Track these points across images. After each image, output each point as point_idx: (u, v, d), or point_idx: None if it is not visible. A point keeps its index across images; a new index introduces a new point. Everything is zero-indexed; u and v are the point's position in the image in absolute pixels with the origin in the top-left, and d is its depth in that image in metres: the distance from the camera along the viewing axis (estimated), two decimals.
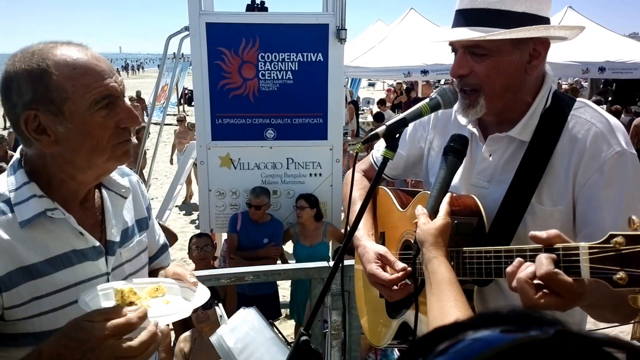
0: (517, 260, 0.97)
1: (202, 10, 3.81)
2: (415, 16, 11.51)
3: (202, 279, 2.10)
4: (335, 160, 4.23)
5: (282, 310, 4.62)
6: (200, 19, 3.76)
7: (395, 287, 1.33)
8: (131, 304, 1.09)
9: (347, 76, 11.91)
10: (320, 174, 4.27)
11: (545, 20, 1.23)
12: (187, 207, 8.78)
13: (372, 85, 31.29)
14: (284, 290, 4.75)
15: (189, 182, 8.59)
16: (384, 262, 1.38)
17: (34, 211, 1.07)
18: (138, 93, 18.55)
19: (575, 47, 8.67)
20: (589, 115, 1.23)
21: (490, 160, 1.32)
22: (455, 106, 1.33)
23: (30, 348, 1.06)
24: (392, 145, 1.20)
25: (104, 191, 1.23)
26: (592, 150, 1.18)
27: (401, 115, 1.24)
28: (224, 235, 4.43)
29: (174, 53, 5.17)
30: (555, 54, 8.33)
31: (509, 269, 0.97)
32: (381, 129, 1.22)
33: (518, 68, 1.22)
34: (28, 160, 1.13)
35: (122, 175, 1.30)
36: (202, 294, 1.20)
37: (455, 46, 1.27)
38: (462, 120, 1.38)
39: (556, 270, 0.89)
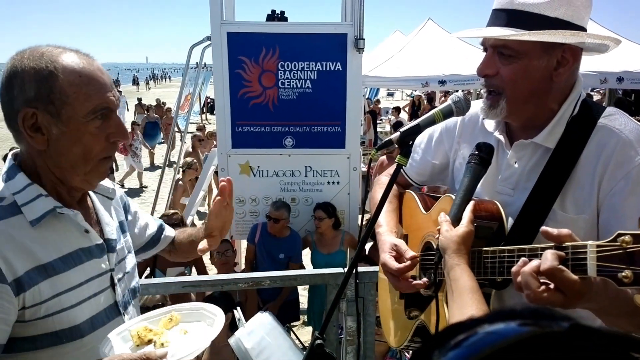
0: (522, 260, 0.97)
1: (223, 20, 3.86)
2: (433, 27, 11.47)
3: (220, 283, 2.14)
4: (353, 169, 4.23)
5: (300, 317, 4.62)
6: (221, 28, 3.81)
7: (411, 280, 1.32)
8: (150, 342, 1.11)
9: (365, 86, 11.92)
10: (337, 182, 4.27)
11: (579, 29, 1.18)
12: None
13: (390, 95, 31.27)
14: (303, 297, 4.75)
15: (209, 191, 8.65)
16: (397, 252, 1.37)
17: (44, 209, 1.09)
18: (158, 101, 18.90)
19: (593, 57, 8.53)
20: (618, 124, 1.19)
21: (515, 167, 1.30)
22: (481, 113, 1.32)
23: (49, 350, 1.09)
24: (406, 151, 1.20)
25: (91, 193, 1.28)
26: (618, 158, 1.14)
27: (415, 122, 1.24)
28: (244, 242, 4.46)
29: (197, 63, 5.25)
30: None
31: (514, 268, 0.98)
32: (395, 135, 1.22)
33: (544, 74, 1.20)
34: (22, 163, 1.15)
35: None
36: (219, 319, 1.20)
37: (485, 45, 1.25)
38: (489, 127, 1.37)
39: (560, 266, 0.89)
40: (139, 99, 19.66)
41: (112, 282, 1.24)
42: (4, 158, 7.59)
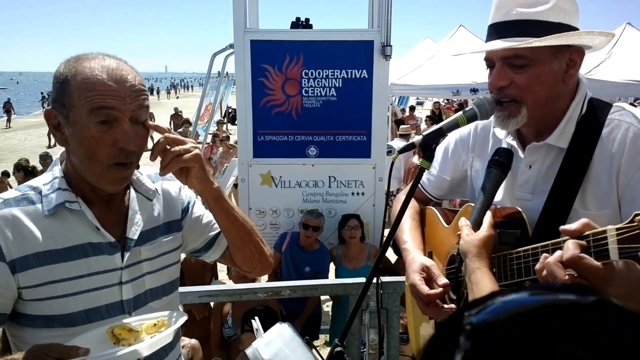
0: (543, 255, 1.03)
1: (247, 27, 3.98)
2: (464, 33, 11.46)
3: (239, 293, 2.20)
4: (379, 179, 4.25)
5: (322, 336, 4.62)
6: (245, 36, 3.93)
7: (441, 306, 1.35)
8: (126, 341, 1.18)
9: (393, 94, 11.95)
10: (362, 193, 4.30)
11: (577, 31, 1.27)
12: None
13: (420, 104, 31.17)
14: (325, 316, 4.75)
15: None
16: (428, 274, 1.41)
17: (56, 202, 1.22)
18: (176, 110, 19.88)
19: (636, 65, 8.38)
20: (627, 117, 1.25)
21: (530, 171, 1.35)
22: (497, 125, 1.37)
23: (44, 331, 1.22)
24: (429, 155, 1.25)
25: (132, 191, 1.36)
26: (632, 150, 1.20)
27: (438, 126, 1.29)
28: None
29: (219, 72, 5.39)
30: (613, 73, 8.08)
31: (537, 265, 1.02)
32: (417, 138, 1.27)
33: (557, 77, 1.27)
34: (63, 159, 1.31)
35: (154, 181, 1.43)
36: (179, 317, 1.27)
37: (492, 59, 1.31)
38: (500, 134, 1.43)
39: (581, 254, 0.93)
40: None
41: (121, 280, 1.30)
42: (17, 168, 7.90)
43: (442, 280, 1.35)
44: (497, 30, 1.30)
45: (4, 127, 26.77)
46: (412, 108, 17.88)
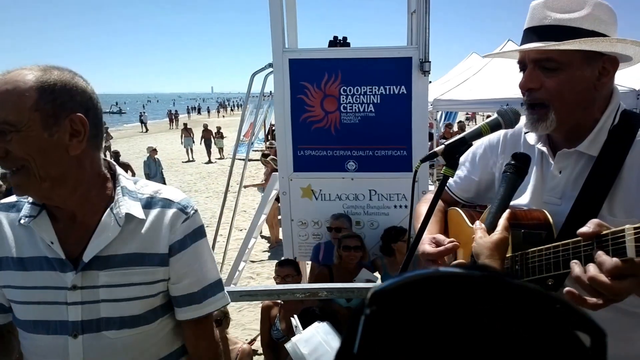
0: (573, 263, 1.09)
1: (285, 47, 4.21)
2: (513, 48, 11.36)
3: (277, 292, 2.36)
4: (422, 192, 4.35)
5: None
6: (283, 55, 4.15)
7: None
8: None
9: (438, 109, 11.97)
10: (405, 206, 4.40)
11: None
12: (274, 252, 8.58)
13: (469, 119, 30.78)
14: None
15: (276, 224, 8.69)
16: (437, 242, 1.46)
17: (22, 214, 1.30)
18: (205, 125, 22.04)
19: None
20: None
21: (560, 176, 1.39)
22: (524, 127, 1.41)
23: (20, 331, 1.34)
24: (452, 163, 1.30)
25: (107, 211, 1.29)
26: None
27: (461, 135, 1.34)
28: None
29: (260, 90, 5.64)
30: None
31: (574, 273, 1.08)
32: (440, 147, 1.33)
33: (588, 84, 1.29)
34: None
35: (150, 205, 1.35)
36: None
37: (525, 62, 1.35)
38: (531, 139, 1.46)
39: (597, 274, 1.00)
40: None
41: (66, 300, 1.27)
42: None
43: (453, 243, 1.41)
44: (531, 34, 1.34)
45: None
46: (449, 125, 17.61)
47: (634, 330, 1.33)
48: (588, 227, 1.06)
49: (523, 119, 1.46)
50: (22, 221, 1.29)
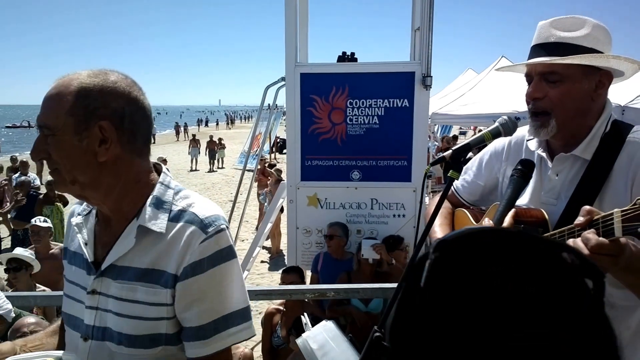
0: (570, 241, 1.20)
1: (297, 62, 4.29)
2: (506, 64, 11.49)
3: (289, 292, 2.40)
4: (419, 202, 4.38)
5: None
6: (295, 70, 4.23)
7: None
8: None
9: (435, 123, 12.04)
10: (403, 215, 4.44)
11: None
12: (274, 262, 8.55)
13: (463, 133, 30.91)
14: None
15: (278, 234, 8.69)
16: None
17: (80, 209, 1.35)
18: (211, 137, 22.61)
19: None
20: None
21: (557, 179, 1.51)
22: (527, 134, 1.54)
23: (65, 325, 1.33)
24: (458, 167, 1.38)
25: (133, 220, 1.21)
26: None
27: (466, 141, 1.45)
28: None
29: (269, 104, 5.69)
30: None
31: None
32: (448, 152, 1.41)
33: (586, 95, 1.43)
34: None
35: (177, 218, 1.20)
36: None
37: (531, 74, 1.49)
38: (532, 145, 1.59)
39: (602, 240, 1.10)
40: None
41: (83, 302, 1.24)
42: None
43: None
44: (538, 50, 1.48)
45: None
46: (447, 139, 17.76)
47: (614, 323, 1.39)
48: (581, 218, 1.18)
49: (522, 129, 1.59)
50: (75, 217, 1.31)
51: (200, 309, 1.16)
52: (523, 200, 1.55)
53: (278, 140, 22.83)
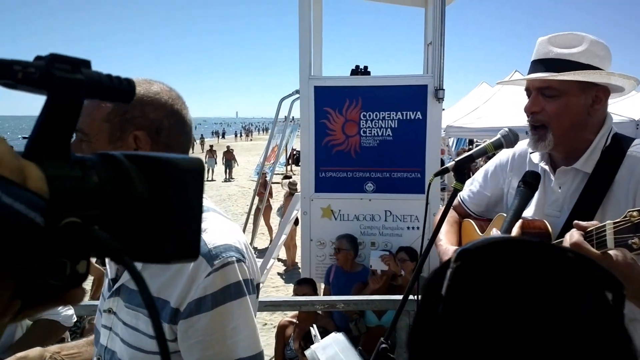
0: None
1: (311, 75, 4.31)
2: (520, 77, 11.39)
3: (299, 304, 2.39)
4: (433, 214, 4.34)
5: None
6: (309, 83, 4.25)
7: None
8: None
9: (449, 136, 11.99)
10: (417, 227, 4.40)
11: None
12: (289, 275, 8.49)
13: (471, 143, 30.65)
14: None
15: (293, 246, 8.64)
16: None
17: None
18: (227, 147, 23.09)
19: None
20: None
21: (559, 191, 1.51)
22: (530, 147, 1.54)
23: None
24: (461, 178, 1.43)
25: None
26: None
27: (469, 153, 1.49)
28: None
29: (285, 116, 5.74)
30: None
31: None
32: (451, 164, 1.46)
33: (583, 109, 1.44)
34: None
35: None
36: None
37: (530, 88, 1.51)
38: (535, 159, 1.60)
39: (581, 240, 1.13)
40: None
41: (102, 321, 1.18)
42: None
43: None
44: (536, 65, 1.51)
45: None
46: (463, 150, 17.73)
47: None
48: (582, 222, 1.20)
49: (524, 142, 1.62)
50: None
51: (203, 354, 1.02)
52: (528, 212, 1.57)
53: (294, 152, 22.92)
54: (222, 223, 1.14)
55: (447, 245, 1.69)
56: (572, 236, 1.16)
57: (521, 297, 0.47)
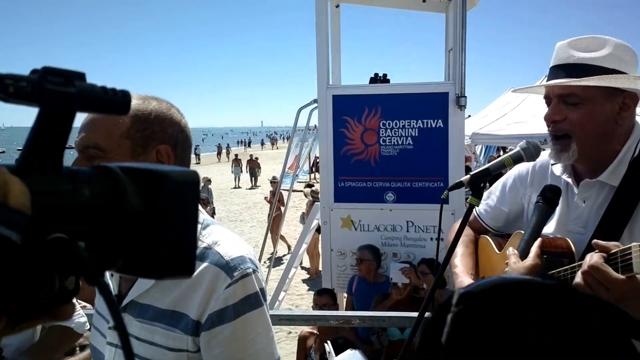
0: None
1: (329, 84, 4.28)
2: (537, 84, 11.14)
3: (313, 318, 2.33)
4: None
5: None
6: (327, 92, 4.21)
7: None
8: None
9: (476, 143, 11.77)
10: (442, 239, 4.28)
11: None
12: (313, 283, 8.47)
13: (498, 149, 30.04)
14: None
15: (316, 255, 8.62)
16: None
17: None
18: (251, 156, 24.54)
19: None
20: None
21: (583, 206, 1.41)
22: (549, 158, 1.44)
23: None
24: (477, 193, 1.33)
25: None
26: None
27: (485, 166, 1.39)
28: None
29: (306, 125, 5.72)
30: None
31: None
32: (466, 177, 1.37)
33: (609, 118, 1.33)
34: None
35: (201, 258, 1.09)
36: None
37: (550, 96, 1.41)
38: (557, 171, 1.49)
39: (601, 263, 1.05)
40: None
41: (105, 337, 1.17)
42: None
43: None
44: (556, 71, 1.40)
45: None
46: (492, 158, 17.23)
47: None
48: (603, 242, 1.13)
49: (545, 153, 1.50)
50: None
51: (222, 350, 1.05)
52: (549, 229, 1.46)
53: (318, 160, 22.93)
54: (230, 235, 1.17)
55: (462, 275, 1.59)
56: (592, 258, 1.07)
57: (535, 340, 0.43)
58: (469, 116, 12.27)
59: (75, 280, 0.39)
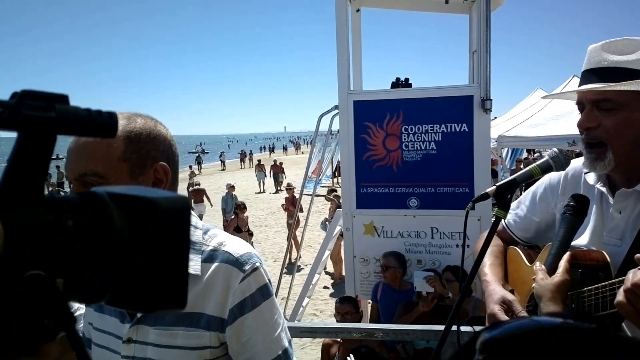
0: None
1: (350, 90, 4.24)
2: (577, 84, 10.85)
3: (335, 331, 2.29)
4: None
5: None
6: (348, 98, 4.17)
7: None
8: None
9: (503, 146, 11.54)
10: (467, 245, 4.17)
11: None
12: (337, 288, 8.43)
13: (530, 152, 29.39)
14: None
15: (339, 260, 8.53)
16: (509, 308, 1.38)
17: None
18: (275, 161, 25.34)
19: None
20: None
21: (620, 217, 1.33)
22: (583, 167, 1.36)
23: None
24: (503, 205, 1.27)
25: None
26: None
27: (511, 177, 1.32)
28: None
29: (329, 130, 5.69)
30: None
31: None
32: (491, 189, 1.30)
33: None
34: None
35: (211, 258, 1.16)
36: None
37: (583, 102, 1.33)
38: (591, 180, 1.41)
39: None
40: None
41: (120, 352, 1.16)
42: None
43: (523, 314, 1.33)
44: (589, 76, 1.33)
45: None
46: (520, 160, 16.77)
47: None
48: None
49: (578, 161, 1.43)
50: None
51: (254, 351, 1.14)
52: (582, 241, 1.38)
53: (340, 165, 22.90)
54: (231, 236, 1.24)
55: (494, 284, 1.50)
56: (636, 275, 0.99)
57: None
58: (495, 118, 12.07)
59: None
